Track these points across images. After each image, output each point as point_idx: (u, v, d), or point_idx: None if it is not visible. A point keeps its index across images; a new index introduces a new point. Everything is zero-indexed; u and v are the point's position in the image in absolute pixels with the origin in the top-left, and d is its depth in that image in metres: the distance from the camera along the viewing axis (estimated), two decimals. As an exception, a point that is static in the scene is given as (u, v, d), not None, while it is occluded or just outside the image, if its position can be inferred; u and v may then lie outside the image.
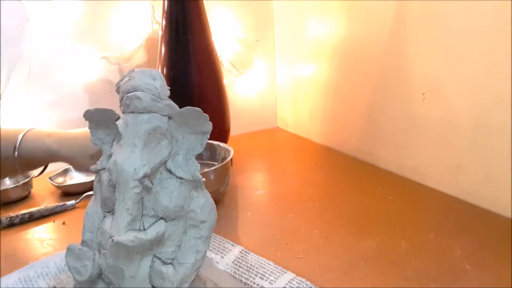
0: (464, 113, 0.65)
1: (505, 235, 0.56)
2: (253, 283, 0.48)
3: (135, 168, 0.34)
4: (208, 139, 0.39)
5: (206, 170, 0.64)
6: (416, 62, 0.72)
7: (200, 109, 0.36)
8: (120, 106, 0.37)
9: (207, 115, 0.36)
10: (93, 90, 0.92)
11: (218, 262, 0.52)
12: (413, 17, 0.71)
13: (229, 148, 0.73)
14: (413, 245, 0.55)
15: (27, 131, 0.56)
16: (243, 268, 0.51)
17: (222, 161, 0.73)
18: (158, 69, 0.84)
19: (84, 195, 0.73)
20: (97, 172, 0.40)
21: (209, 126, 0.37)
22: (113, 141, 0.39)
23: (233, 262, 0.52)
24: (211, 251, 0.54)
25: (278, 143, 1.09)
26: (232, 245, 0.56)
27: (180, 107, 0.37)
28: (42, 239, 0.62)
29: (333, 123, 0.97)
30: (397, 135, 0.78)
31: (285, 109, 1.17)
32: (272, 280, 0.48)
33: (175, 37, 0.81)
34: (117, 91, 0.38)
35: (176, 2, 0.80)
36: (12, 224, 0.66)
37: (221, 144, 0.76)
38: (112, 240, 0.34)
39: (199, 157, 0.77)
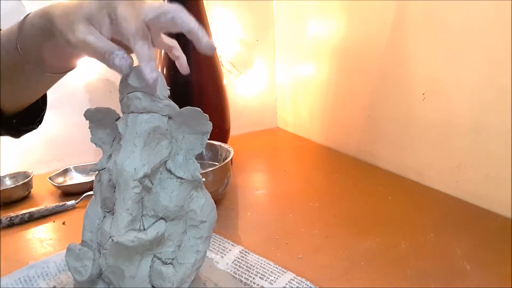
0: (464, 113, 0.65)
1: (505, 235, 0.56)
2: (253, 283, 0.48)
3: (135, 168, 0.34)
4: (208, 139, 0.39)
5: (203, 171, 0.64)
6: (416, 62, 0.72)
7: (200, 109, 0.36)
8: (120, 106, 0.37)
9: (207, 115, 0.36)
10: (93, 90, 0.92)
11: (218, 262, 0.52)
12: (413, 17, 0.71)
13: (230, 148, 0.73)
14: (413, 245, 0.55)
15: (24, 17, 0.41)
16: (243, 268, 0.51)
17: (223, 162, 0.73)
18: (158, 69, 0.83)
19: (84, 195, 0.73)
20: (97, 172, 0.40)
21: (209, 126, 0.37)
22: (113, 141, 0.39)
23: (233, 262, 0.52)
24: (211, 251, 0.54)
25: (278, 143, 1.08)
26: (232, 245, 0.56)
27: (180, 107, 0.37)
28: (42, 239, 0.62)
29: (333, 123, 0.97)
30: (397, 135, 0.78)
31: (285, 109, 1.17)
32: (272, 280, 0.48)
33: (175, 37, 0.81)
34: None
35: (176, 2, 0.80)
36: (12, 224, 0.66)
37: (223, 144, 0.76)
38: (112, 240, 0.34)
39: (200, 157, 0.77)
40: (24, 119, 0.50)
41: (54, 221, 0.68)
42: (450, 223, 0.60)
